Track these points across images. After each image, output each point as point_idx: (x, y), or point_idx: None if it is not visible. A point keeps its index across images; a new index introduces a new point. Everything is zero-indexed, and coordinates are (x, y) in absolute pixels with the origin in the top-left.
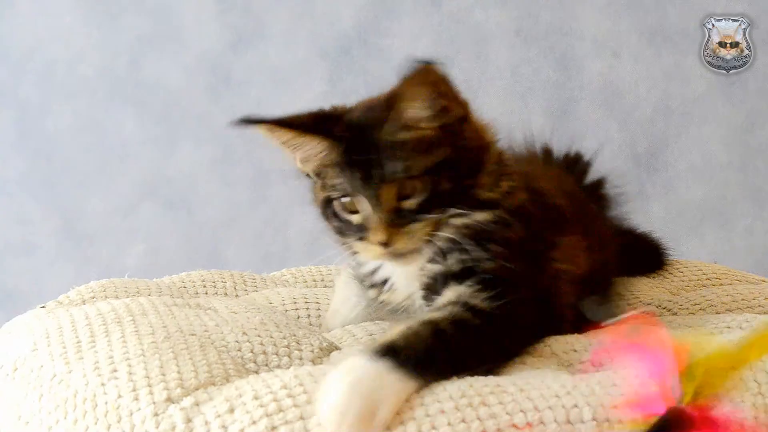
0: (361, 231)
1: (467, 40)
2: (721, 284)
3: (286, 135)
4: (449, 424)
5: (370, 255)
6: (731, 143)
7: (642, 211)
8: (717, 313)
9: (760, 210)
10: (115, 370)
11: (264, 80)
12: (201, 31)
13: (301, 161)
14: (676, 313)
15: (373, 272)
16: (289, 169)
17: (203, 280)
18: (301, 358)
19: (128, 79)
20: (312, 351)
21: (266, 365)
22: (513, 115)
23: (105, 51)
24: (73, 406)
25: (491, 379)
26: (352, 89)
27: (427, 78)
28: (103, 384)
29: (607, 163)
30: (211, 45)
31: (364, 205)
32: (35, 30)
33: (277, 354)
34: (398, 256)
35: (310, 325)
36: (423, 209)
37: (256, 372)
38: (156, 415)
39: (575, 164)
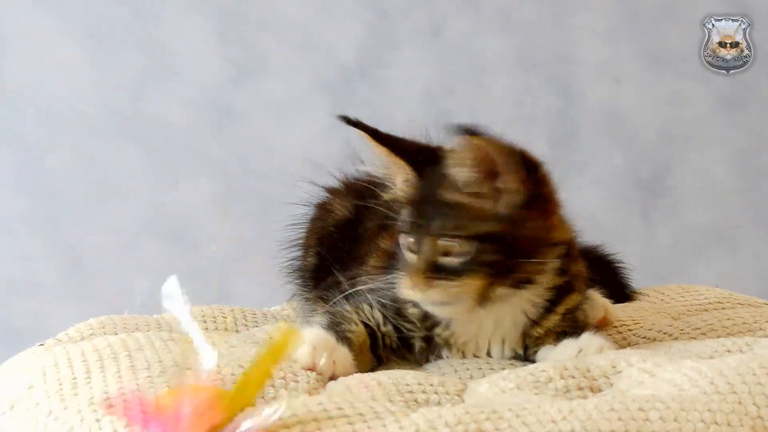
0: (405, 266)
1: (468, 69)
2: (723, 308)
3: (380, 149)
4: None
5: (403, 291)
6: (735, 167)
7: (647, 236)
8: (718, 336)
9: (767, 234)
10: (111, 406)
11: (265, 114)
12: (201, 66)
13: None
14: (677, 338)
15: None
16: (294, 202)
17: (203, 316)
18: (296, 389)
19: (129, 115)
20: (308, 382)
21: (262, 397)
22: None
23: (105, 87)
24: None
25: (487, 405)
26: None
27: (479, 152)
28: (98, 420)
29: (611, 189)
30: (212, 80)
31: (413, 248)
32: (34, 68)
33: (273, 386)
34: (434, 303)
35: None
36: (464, 270)
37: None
38: None
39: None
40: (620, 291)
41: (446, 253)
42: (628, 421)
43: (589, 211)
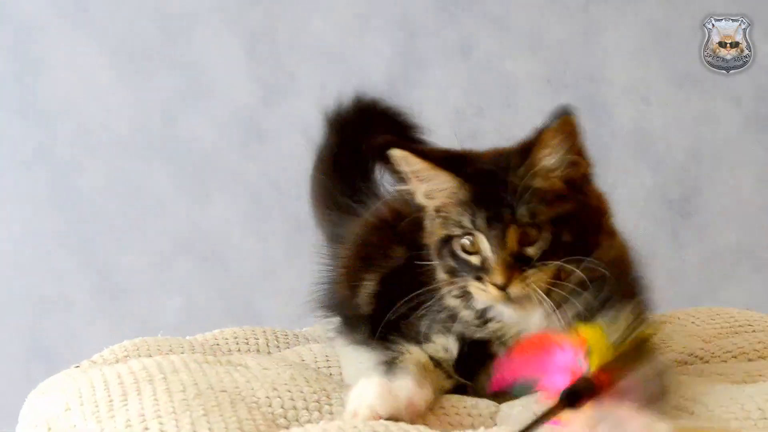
0: (478, 272)
1: (497, 89)
2: (753, 330)
3: (419, 165)
4: None
5: (484, 296)
6: (764, 186)
7: (676, 257)
8: (749, 360)
9: None
10: (147, 428)
11: (296, 133)
12: (232, 86)
13: (424, 194)
14: (707, 362)
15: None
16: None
17: (236, 337)
18: (331, 413)
19: (161, 135)
20: (342, 405)
21: (296, 420)
22: None
23: (137, 107)
24: None
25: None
26: None
27: (567, 128)
28: None
29: (640, 210)
30: (243, 100)
31: (485, 246)
32: (69, 88)
33: (307, 409)
34: (513, 300)
35: (342, 381)
36: (543, 257)
37: (287, 428)
38: None
39: None
40: None
41: (527, 243)
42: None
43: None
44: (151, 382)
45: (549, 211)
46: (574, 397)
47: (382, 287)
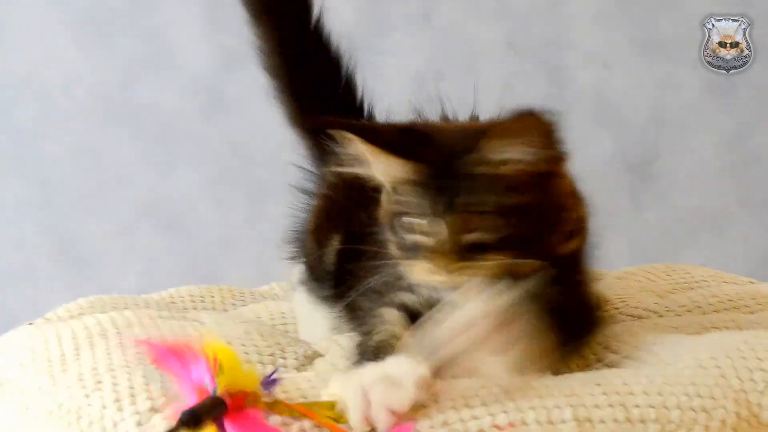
0: (427, 252)
1: (459, 55)
2: (708, 286)
3: (370, 149)
4: (431, 427)
5: (424, 277)
6: (724, 151)
7: (637, 220)
8: (704, 314)
9: (755, 217)
10: (99, 382)
11: (257, 99)
12: (193, 52)
13: (377, 171)
14: (662, 316)
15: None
16: (287, 186)
17: (191, 295)
18: (285, 366)
19: (122, 101)
20: (296, 359)
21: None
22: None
23: (98, 74)
24: (57, 417)
25: (475, 381)
26: None
27: (530, 128)
28: (87, 395)
29: (601, 174)
30: (204, 66)
31: (433, 230)
32: (28, 55)
33: (261, 362)
34: (454, 285)
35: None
36: (490, 247)
37: None
38: (140, 425)
39: None
40: None
41: (473, 230)
42: (612, 394)
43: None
44: (105, 337)
45: (497, 201)
46: (195, 417)
47: (345, 247)
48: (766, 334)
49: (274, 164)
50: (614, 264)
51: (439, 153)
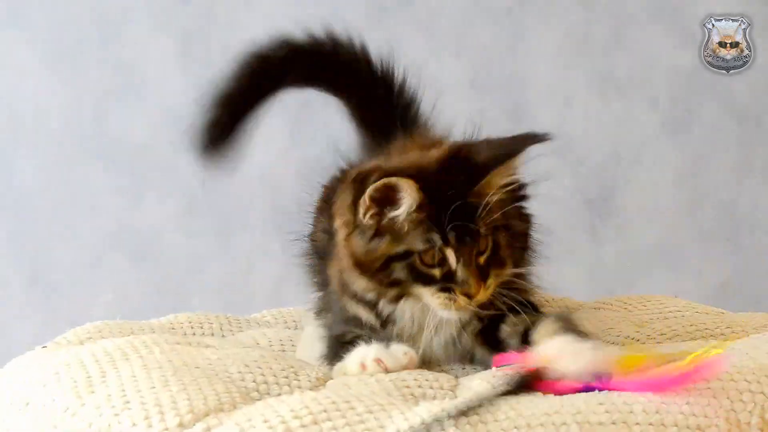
0: (444, 283)
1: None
2: (683, 316)
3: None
4: None
5: (449, 306)
6: (679, 187)
7: (595, 254)
8: (683, 341)
9: (708, 251)
10: (128, 401)
11: None
12: (165, 84)
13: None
14: (644, 343)
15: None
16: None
17: (190, 322)
18: (300, 387)
19: (93, 132)
20: (309, 381)
21: (268, 394)
22: None
23: (70, 105)
24: None
25: (486, 398)
26: (312, 141)
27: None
28: (116, 414)
29: (560, 209)
30: (175, 98)
31: (453, 260)
32: (0, 85)
33: (277, 384)
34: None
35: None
36: (491, 264)
37: (259, 400)
38: None
39: None
40: None
41: (481, 252)
42: (614, 413)
43: (538, 229)
44: (128, 361)
45: (494, 221)
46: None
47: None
48: (751, 359)
49: (241, 196)
50: (574, 294)
51: (445, 186)
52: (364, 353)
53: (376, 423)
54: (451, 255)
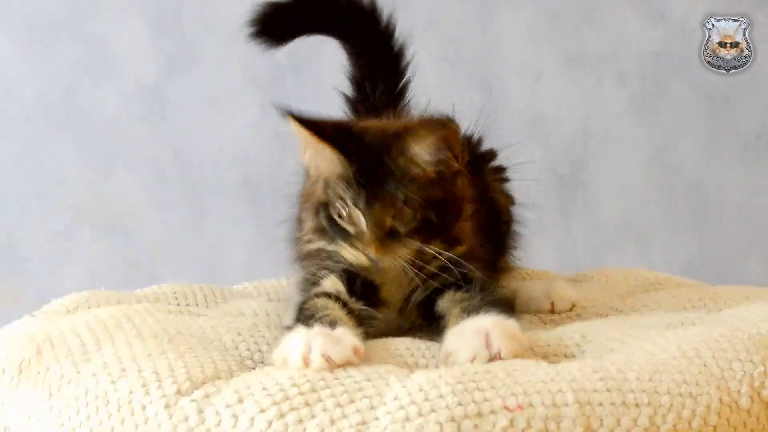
0: (353, 239)
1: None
2: (664, 288)
3: (309, 136)
4: (447, 407)
5: (352, 259)
6: (648, 163)
7: (564, 229)
8: (666, 312)
9: (676, 226)
10: (124, 369)
11: (198, 106)
12: (135, 58)
13: (309, 157)
14: (627, 314)
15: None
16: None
17: (174, 292)
18: None
19: (64, 106)
20: None
21: (262, 362)
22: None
23: (41, 80)
24: (84, 403)
25: (482, 366)
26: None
27: (441, 131)
28: (113, 382)
29: (530, 184)
30: (146, 72)
31: (362, 221)
32: None
33: (271, 352)
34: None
35: None
36: (411, 235)
37: (254, 369)
38: (168, 407)
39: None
40: None
41: (398, 220)
42: (609, 380)
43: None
44: (122, 329)
45: (418, 195)
46: None
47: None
48: (739, 330)
49: (213, 168)
50: (543, 269)
51: (369, 150)
52: (304, 342)
53: (374, 391)
54: (359, 216)
